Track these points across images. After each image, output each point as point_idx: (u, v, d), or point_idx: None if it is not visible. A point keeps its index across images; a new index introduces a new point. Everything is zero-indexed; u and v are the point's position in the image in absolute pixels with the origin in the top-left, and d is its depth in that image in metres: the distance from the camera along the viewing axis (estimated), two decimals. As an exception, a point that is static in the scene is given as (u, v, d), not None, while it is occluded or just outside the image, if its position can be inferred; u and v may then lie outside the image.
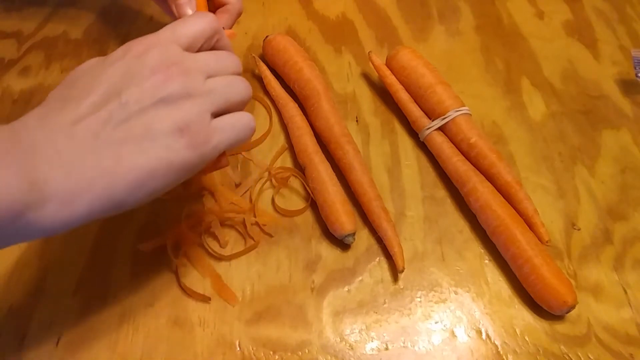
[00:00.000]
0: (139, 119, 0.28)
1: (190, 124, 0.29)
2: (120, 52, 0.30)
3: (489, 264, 0.41)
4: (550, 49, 0.56)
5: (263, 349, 0.37)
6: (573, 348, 0.37)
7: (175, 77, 0.29)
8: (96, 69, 0.30)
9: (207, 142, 0.30)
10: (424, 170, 0.46)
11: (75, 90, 0.29)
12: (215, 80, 0.31)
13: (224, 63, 0.33)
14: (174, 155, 0.28)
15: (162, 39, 0.31)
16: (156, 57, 0.29)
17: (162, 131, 0.28)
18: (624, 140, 0.48)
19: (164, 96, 0.29)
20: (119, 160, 0.27)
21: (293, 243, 0.42)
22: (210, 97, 0.30)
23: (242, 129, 0.32)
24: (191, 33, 0.32)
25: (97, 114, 0.27)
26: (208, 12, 0.34)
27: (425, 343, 0.37)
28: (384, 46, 0.57)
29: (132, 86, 0.28)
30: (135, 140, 0.28)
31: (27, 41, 0.58)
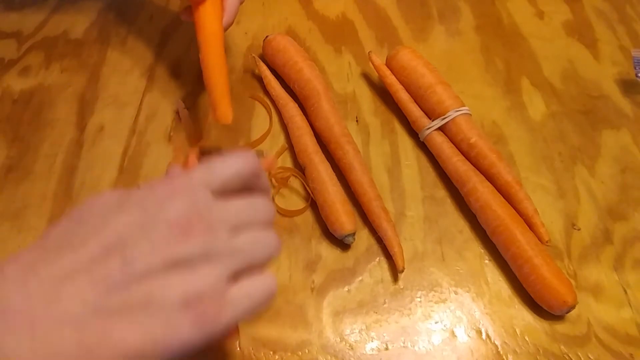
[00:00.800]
0: (141, 286, 0.23)
1: (201, 296, 0.24)
2: (143, 191, 0.26)
3: (489, 264, 0.41)
4: (550, 49, 0.56)
5: (263, 349, 0.37)
6: (573, 348, 0.37)
7: (197, 234, 0.24)
8: (110, 209, 0.25)
9: (217, 319, 0.24)
10: (424, 170, 0.46)
11: (78, 231, 0.25)
12: (242, 238, 0.26)
13: (256, 213, 0.28)
14: (174, 333, 0.23)
15: (192, 182, 0.26)
16: (180, 206, 0.25)
17: (166, 303, 0.23)
18: (624, 140, 0.48)
19: (178, 257, 0.24)
20: (106, 336, 0.22)
21: (293, 243, 0.42)
22: (232, 259, 0.26)
23: (261, 297, 0.27)
24: (227, 176, 0.27)
25: (93, 273, 0.23)
26: (248, 151, 0.30)
27: (425, 343, 0.37)
28: (384, 46, 0.57)
29: (143, 241, 0.24)
30: (130, 311, 0.23)
31: (27, 41, 0.58)
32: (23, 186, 0.46)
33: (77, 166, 0.47)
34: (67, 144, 0.48)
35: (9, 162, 0.47)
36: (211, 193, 0.26)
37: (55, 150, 0.48)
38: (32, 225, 0.43)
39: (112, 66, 0.55)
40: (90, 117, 0.50)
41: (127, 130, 0.49)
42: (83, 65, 0.55)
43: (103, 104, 0.51)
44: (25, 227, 0.43)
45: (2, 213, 0.44)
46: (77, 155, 0.48)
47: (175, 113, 0.50)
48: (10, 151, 0.48)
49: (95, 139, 0.49)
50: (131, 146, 0.48)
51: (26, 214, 0.44)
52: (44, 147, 0.48)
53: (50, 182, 0.46)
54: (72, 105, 0.51)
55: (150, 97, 0.52)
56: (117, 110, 0.51)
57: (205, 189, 0.26)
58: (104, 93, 0.52)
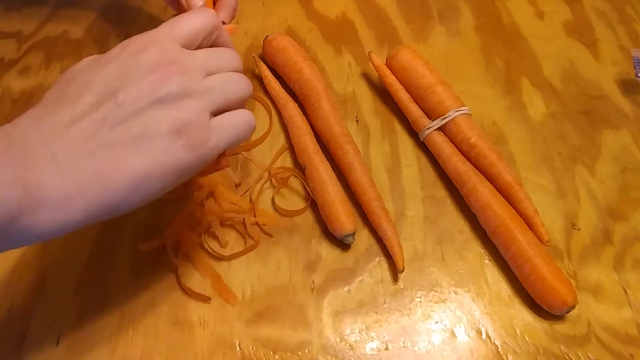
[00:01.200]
0: (135, 120, 0.27)
1: (188, 124, 0.28)
2: (117, 50, 0.30)
3: (489, 264, 0.41)
4: (550, 49, 0.56)
5: (263, 349, 0.37)
6: (573, 348, 0.37)
7: (173, 75, 0.28)
8: (92, 67, 0.29)
9: (206, 143, 0.29)
10: (424, 170, 0.46)
11: (70, 89, 0.28)
12: (214, 78, 0.31)
13: (223, 60, 0.32)
14: (171, 157, 0.28)
15: (159, 36, 0.30)
16: (154, 56, 0.29)
17: (159, 132, 0.28)
18: (624, 140, 0.48)
19: (162, 96, 0.28)
20: (114, 163, 0.27)
21: (293, 243, 0.42)
22: (209, 96, 0.30)
23: (241, 127, 0.32)
24: (190, 30, 0.31)
25: (93, 115, 0.27)
26: (207, 7, 0.34)
27: (425, 343, 0.37)
28: (384, 46, 0.57)
29: (129, 85, 0.28)
30: (131, 142, 0.27)
31: (27, 41, 0.58)
32: (23, 186, 0.45)
33: (77, 166, 0.47)
34: (67, 144, 0.48)
35: (9, 162, 0.47)
36: (179, 44, 0.30)
37: (55, 150, 0.48)
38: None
39: (112, 66, 0.55)
40: (90, 117, 0.50)
41: (127, 130, 0.49)
42: (83, 65, 0.55)
43: (103, 104, 0.51)
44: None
45: (2, 213, 0.44)
46: (77, 155, 0.47)
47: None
48: (10, 151, 0.48)
49: (95, 139, 0.49)
50: (131, 146, 0.48)
51: (26, 214, 0.44)
52: (44, 147, 0.48)
53: (50, 182, 0.46)
54: (72, 105, 0.51)
55: (150, 97, 0.52)
56: (117, 110, 0.51)
57: (172, 40, 0.30)
58: (104, 93, 0.52)
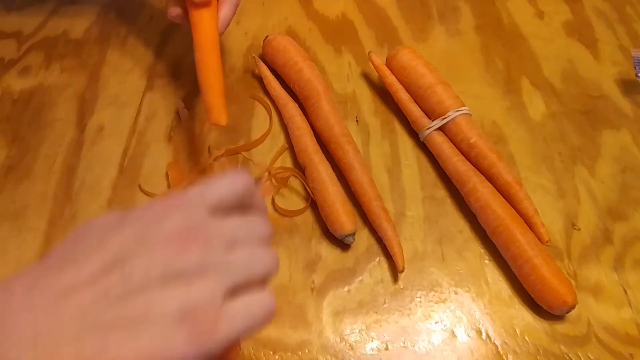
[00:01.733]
0: (139, 298, 0.24)
1: (197, 308, 0.24)
2: (143, 209, 0.27)
3: (489, 264, 0.41)
4: (550, 49, 0.56)
5: (263, 349, 0.37)
6: (573, 348, 0.37)
7: (193, 248, 0.25)
8: (109, 227, 0.26)
9: (213, 334, 0.24)
10: (424, 170, 0.46)
11: (79, 249, 0.25)
12: (238, 252, 0.27)
13: (252, 230, 0.29)
14: (169, 347, 0.23)
15: (187, 200, 0.27)
16: (177, 223, 0.26)
17: (162, 316, 0.24)
18: (624, 140, 0.48)
19: (175, 271, 0.24)
20: (102, 350, 0.23)
21: (293, 243, 0.42)
22: (228, 273, 0.26)
23: (259, 314, 0.27)
24: (223, 194, 0.28)
25: (94, 287, 0.24)
26: (243, 172, 0.30)
27: (425, 343, 0.37)
28: (384, 46, 0.57)
29: (141, 255, 0.24)
30: (128, 325, 0.23)
31: (27, 41, 0.58)
32: (23, 186, 0.45)
33: (77, 166, 0.47)
34: (67, 144, 0.48)
35: (9, 162, 0.47)
36: (207, 210, 0.27)
37: (55, 150, 0.48)
38: (32, 226, 0.43)
39: (112, 66, 0.55)
40: (90, 117, 0.50)
41: (127, 130, 0.49)
42: (83, 65, 0.55)
43: (103, 104, 0.51)
44: (25, 227, 0.43)
45: (2, 213, 0.44)
46: (77, 155, 0.47)
47: (175, 113, 0.50)
48: (10, 151, 0.48)
49: (95, 139, 0.49)
50: (131, 146, 0.48)
51: (26, 214, 0.44)
52: (44, 147, 0.48)
53: (50, 182, 0.46)
54: (72, 105, 0.51)
55: (150, 97, 0.52)
56: (117, 110, 0.51)
57: (200, 205, 0.27)
58: (104, 93, 0.52)
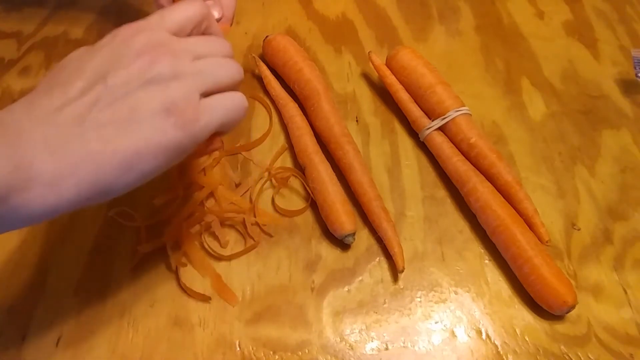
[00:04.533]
0: (125, 101, 0.28)
1: (177, 103, 0.28)
2: (108, 38, 0.30)
3: (489, 264, 0.41)
4: (550, 49, 0.56)
5: (263, 349, 0.37)
6: (573, 348, 0.37)
7: (162, 58, 0.29)
8: (84, 55, 0.30)
9: (196, 121, 0.29)
10: (424, 170, 0.46)
11: (62, 76, 0.29)
12: (204, 61, 0.31)
13: (213, 46, 0.32)
14: (162, 135, 0.28)
15: (149, 24, 0.31)
16: (143, 40, 0.29)
17: (149, 112, 0.28)
18: (624, 140, 0.48)
19: (151, 77, 0.28)
20: (105, 143, 0.27)
21: (293, 243, 0.42)
22: (198, 77, 0.30)
23: (233, 107, 0.32)
24: (180, 18, 0.32)
25: (83, 99, 0.27)
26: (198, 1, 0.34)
27: (425, 343, 0.37)
28: (384, 46, 0.57)
29: (119, 69, 0.28)
30: (121, 123, 0.27)
31: (27, 41, 0.57)
32: (23, 186, 0.45)
33: (77, 166, 0.47)
34: (67, 144, 0.48)
35: (9, 162, 0.47)
36: (168, 32, 0.31)
37: (55, 150, 0.48)
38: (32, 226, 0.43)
39: (112, 66, 0.55)
40: (90, 117, 0.50)
41: (127, 130, 0.49)
42: (83, 65, 0.55)
43: (103, 104, 0.51)
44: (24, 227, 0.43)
45: (2, 213, 0.44)
46: (77, 155, 0.47)
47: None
48: (10, 151, 0.48)
49: (95, 139, 0.49)
50: (131, 146, 0.48)
51: (26, 214, 0.44)
52: (44, 147, 0.48)
53: (50, 182, 0.46)
54: (72, 105, 0.51)
55: (150, 97, 0.52)
56: (117, 110, 0.51)
57: (162, 28, 0.31)
58: (104, 93, 0.52)
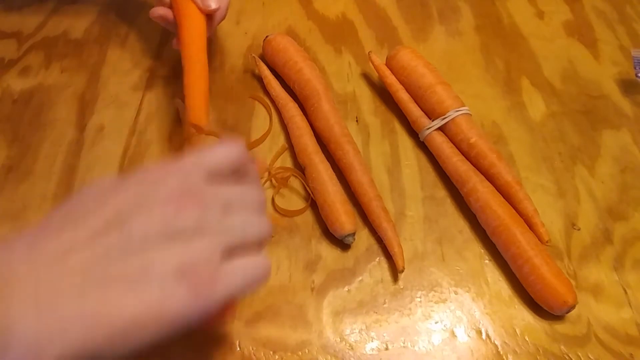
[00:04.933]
0: (139, 256, 0.24)
1: (195, 266, 0.25)
2: (139, 174, 0.28)
3: (489, 264, 0.41)
4: (550, 49, 0.56)
5: (263, 349, 0.37)
6: (573, 348, 0.37)
7: (190, 208, 0.26)
8: (107, 190, 0.27)
9: (212, 287, 0.25)
10: (424, 170, 0.46)
11: (77, 211, 0.26)
12: (234, 217, 0.28)
13: (247, 197, 0.29)
14: (170, 302, 0.24)
15: (184, 165, 0.28)
16: (174, 185, 0.26)
17: (162, 272, 0.24)
18: (624, 140, 0.48)
19: (173, 230, 0.25)
20: (104, 304, 0.24)
21: (293, 243, 0.42)
22: (224, 235, 0.27)
23: (254, 275, 0.28)
24: (218, 161, 0.29)
25: (94, 245, 0.24)
26: (237, 141, 0.31)
27: (425, 343, 0.37)
28: (384, 46, 0.57)
29: (140, 215, 0.25)
30: (128, 281, 0.24)
31: (27, 41, 0.57)
32: (23, 186, 0.45)
33: (77, 166, 0.47)
34: (67, 144, 0.48)
35: (9, 162, 0.47)
36: (202, 176, 0.28)
37: (55, 150, 0.48)
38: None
39: (112, 66, 0.55)
40: (90, 117, 0.50)
41: (127, 130, 0.49)
42: (83, 65, 0.55)
43: (103, 104, 0.51)
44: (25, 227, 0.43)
45: (2, 213, 0.44)
46: (77, 155, 0.47)
47: (175, 113, 0.50)
48: (10, 151, 0.48)
49: (95, 139, 0.49)
50: (131, 146, 0.48)
51: (26, 214, 0.44)
52: (44, 147, 0.48)
53: (50, 182, 0.46)
54: (72, 105, 0.51)
55: (150, 97, 0.52)
56: (117, 110, 0.51)
57: (196, 171, 0.28)
58: (104, 93, 0.52)
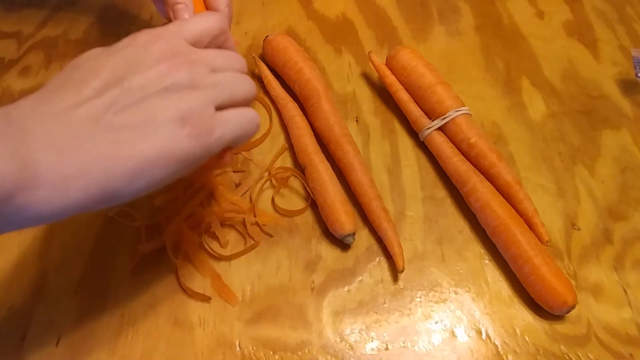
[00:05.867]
0: (142, 106, 0.27)
1: (193, 113, 0.28)
2: (126, 41, 0.30)
3: (489, 264, 0.41)
4: (550, 49, 0.56)
5: (263, 349, 0.37)
6: (573, 348, 0.37)
7: (181, 67, 0.29)
8: (100, 56, 0.29)
9: (210, 133, 0.29)
10: (424, 170, 0.46)
11: (76, 76, 0.28)
12: (220, 74, 0.31)
13: (229, 60, 0.33)
14: (176, 144, 0.28)
15: (169, 31, 0.31)
16: (162, 47, 0.29)
17: (165, 119, 0.28)
18: (624, 140, 0.48)
19: (168, 85, 0.28)
20: (118, 146, 0.26)
21: (293, 243, 0.42)
22: (215, 90, 0.30)
23: (246, 123, 0.32)
24: (198, 29, 0.32)
25: (98, 99, 0.27)
26: (215, 12, 0.35)
27: (425, 343, 0.37)
28: (384, 46, 0.57)
29: (136, 73, 0.28)
30: (136, 127, 0.27)
31: (27, 41, 0.58)
32: (23, 186, 0.45)
33: (77, 166, 0.47)
34: (67, 144, 0.48)
35: (9, 162, 0.47)
36: (186, 41, 0.31)
37: (55, 150, 0.48)
38: (32, 225, 0.43)
39: (112, 66, 0.55)
40: (90, 117, 0.50)
41: (127, 130, 0.49)
42: (83, 65, 0.55)
43: (103, 104, 0.51)
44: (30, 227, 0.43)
45: (2, 213, 0.44)
46: (77, 155, 0.47)
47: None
48: (10, 151, 0.48)
49: (95, 139, 0.49)
50: (131, 146, 0.48)
51: (26, 214, 0.44)
52: (44, 147, 0.48)
53: (50, 182, 0.46)
54: (72, 105, 0.51)
55: (150, 97, 0.52)
56: (117, 110, 0.51)
57: (180, 37, 0.31)
58: (104, 93, 0.52)
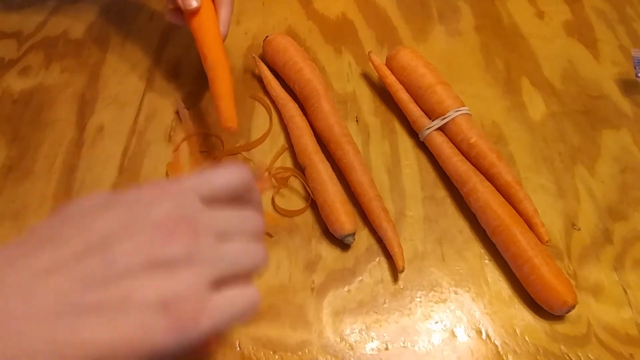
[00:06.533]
0: (120, 284, 0.23)
1: (179, 299, 0.23)
2: (132, 193, 0.26)
3: (489, 264, 0.41)
4: (550, 49, 0.56)
5: (263, 349, 0.37)
6: (573, 348, 0.37)
7: (180, 237, 0.24)
8: (96, 209, 0.25)
9: (194, 324, 0.24)
10: (424, 170, 0.46)
11: (62, 229, 0.24)
12: (227, 245, 0.26)
13: (245, 224, 0.28)
14: (147, 335, 0.22)
15: (182, 188, 0.26)
16: (166, 209, 0.25)
17: (142, 303, 0.23)
18: (624, 140, 0.48)
19: (159, 259, 0.23)
20: (76, 333, 0.22)
21: (293, 243, 0.42)
22: (216, 265, 0.25)
23: (242, 307, 0.26)
24: (218, 186, 0.27)
25: (73, 269, 0.22)
26: (243, 166, 0.29)
27: (425, 343, 0.37)
28: (384, 46, 0.57)
29: (126, 241, 0.23)
30: (105, 311, 0.22)
31: (27, 41, 0.58)
32: (23, 186, 0.45)
33: (77, 166, 0.47)
34: (67, 144, 0.48)
35: (9, 162, 0.47)
36: (200, 200, 0.26)
37: (55, 150, 0.48)
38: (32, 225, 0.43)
39: (112, 66, 0.55)
40: (90, 117, 0.50)
41: (127, 130, 0.49)
42: (83, 65, 0.55)
43: (103, 104, 0.51)
44: (25, 227, 0.43)
45: (2, 213, 0.44)
46: (77, 155, 0.47)
47: (175, 113, 0.50)
48: (10, 151, 0.48)
49: (95, 139, 0.49)
50: (131, 146, 0.48)
51: (26, 214, 0.44)
52: (44, 147, 0.48)
53: (50, 182, 0.46)
54: (72, 105, 0.51)
55: (150, 97, 0.52)
56: (117, 110, 0.51)
57: (194, 194, 0.26)
58: (104, 93, 0.52)
